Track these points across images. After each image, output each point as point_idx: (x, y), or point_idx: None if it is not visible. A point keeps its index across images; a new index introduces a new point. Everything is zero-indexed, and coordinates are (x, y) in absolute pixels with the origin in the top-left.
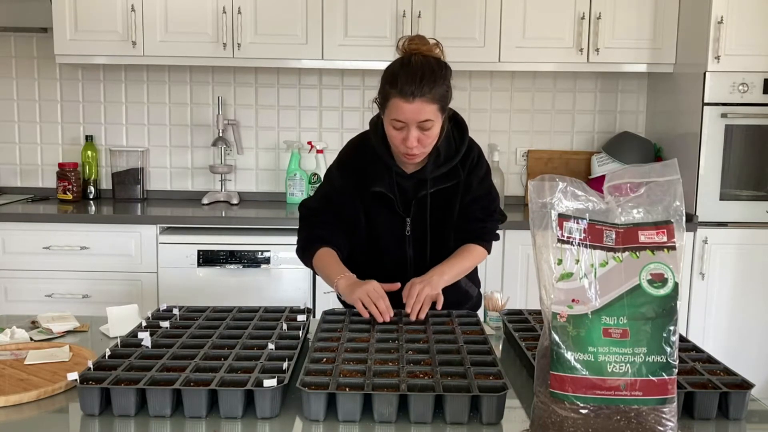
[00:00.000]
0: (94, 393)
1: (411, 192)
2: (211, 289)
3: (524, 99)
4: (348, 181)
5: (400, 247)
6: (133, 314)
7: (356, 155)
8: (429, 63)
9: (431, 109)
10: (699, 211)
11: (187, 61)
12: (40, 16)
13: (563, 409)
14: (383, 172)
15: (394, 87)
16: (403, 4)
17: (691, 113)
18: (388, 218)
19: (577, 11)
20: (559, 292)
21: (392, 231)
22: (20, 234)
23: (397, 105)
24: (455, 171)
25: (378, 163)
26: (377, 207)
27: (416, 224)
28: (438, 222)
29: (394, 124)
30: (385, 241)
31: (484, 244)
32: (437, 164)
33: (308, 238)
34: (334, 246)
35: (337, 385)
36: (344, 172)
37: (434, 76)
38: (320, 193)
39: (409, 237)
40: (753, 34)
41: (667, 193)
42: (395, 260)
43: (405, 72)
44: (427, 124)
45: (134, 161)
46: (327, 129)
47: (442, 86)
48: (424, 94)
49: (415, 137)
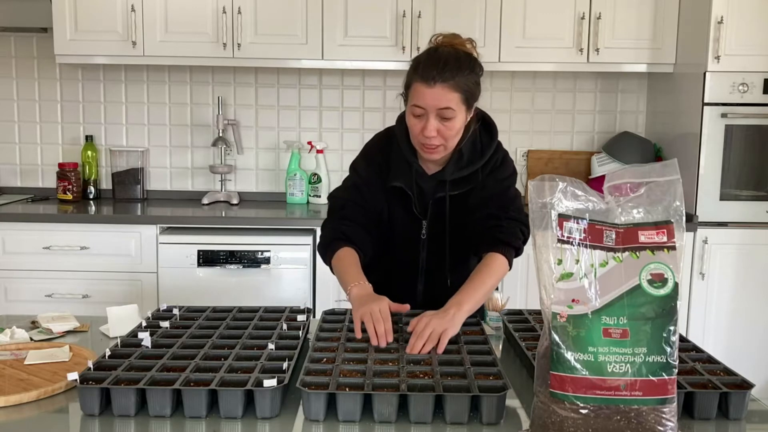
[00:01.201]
0: (94, 393)
1: (429, 193)
2: (211, 289)
3: (524, 99)
4: (372, 172)
5: (414, 250)
6: (133, 314)
7: (380, 148)
8: (457, 53)
9: (453, 97)
10: (699, 211)
11: (187, 61)
12: (40, 16)
13: (563, 409)
14: (404, 168)
15: (416, 72)
16: (403, 4)
17: (691, 113)
18: (404, 218)
19: (577, 11)
20: (559, 292)
21: (407, 232)
22: (20, 234)
23: (417, 90)
24: (476, 175)
25: (400, 159)
26: (395, 205)
27: (432, 228)
28: (457, 226)
29: (414, 110)
30: (399, 242)
31: (503, 250)
32: (459, 166)
33: (331, 236)
34: (356, 246)
35: (337, 385)
36: (369, 163)
37: (459, 65)
38: (347, 183)
39: (425, 241)
40: (753, 34)
41: (667, 193)
42: (407, 264)
43: (429, 58)
44: (447, 112)
45: (134, 161)
46: (327, 129)
47: (468, 77)
48: (446, 80)
49: (434, 126)
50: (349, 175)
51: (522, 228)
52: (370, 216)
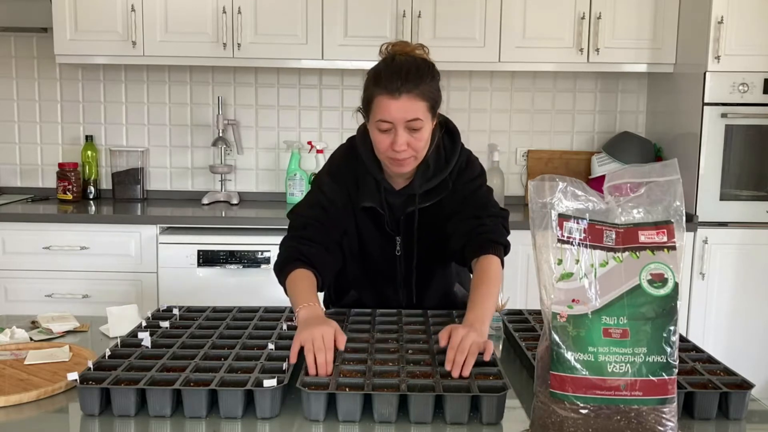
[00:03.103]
0: (94, 393)
1: (400, 209)
2: (211, 289)
3: (524, 99)
4: (339, 192)
5: (391, 266)
6: (133, 314)
7: (347, 165)
8: (415, 60)
9: (420, 107)
10: (699, 211)
11: (187, 61)
12: (40, 16)
13: (563, 409)
14: (372, 186)
15: (378, 85)
16: (403, 4)
17: (691, 113)
18: (377, 236)
19: (577, 11)
20: (559, 292)
21: (382, 250)
22: (20, 234)
23: (382, 103)
24: (445, 184)
25: (367, 177)
26: (367, 224)
27: (407, 243)
28: (429, 241)
29: (380, 125)
30: (375, 259)
31: (493, 250)
32: (426, 177)
33: (289, 255)
34: (315, 269)
35: (337, 385)
36: (334, 180)
37: (420, 72)
38: (311, 201)
39: (400, 257)
40: (753, 34)
41: (667, 193)
42: (385, 280)
43: (389, 69)
44: (416, 123)
45: (134, 161)
46: (327, 129)
47: (431, 83)
48: (411, 90)
49: (404, 140)
50: (313, 191)
51: (504, 223)
52: (333, 236)
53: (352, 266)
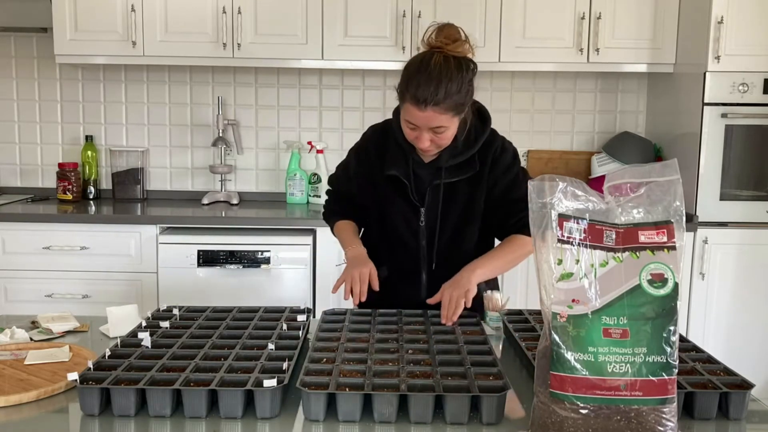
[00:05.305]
0: (94, 393)
1: (426, 180)
2: (211, 289)
3: (524, 99)
4: (362, 167)
5: (414, 238)
6: (133, 314)
7: (376, 139)
8: (448, 67)
9: (444, 118)
10: (699, 211)
11: (187, 61)
12: (40, 16)
13: (563, 409)
14: (401, 158)
15: (407, 89)
16: (403, 4)
17: (691, 113)
18: (402, 207)
19: (577, 11)
20: (559, 292)
21: (406, 220)
22: (20, 234)
23: (409, 109)
24: (472, 162)
25: (397, 149)
26: (392, 194)
27: (430, 215)
28: (454, 214)
29: (408, 124)
30: (399, 230)
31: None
32: (453, 153)
33: (329, 210)
34: (351, 218)
35: (337, 385)
36: (360, 157)
37: (450, 86)
38: (342, 165)
39: (423, 227)
40: (753, 34)
41: (667, 193)
42: (409, 251)
43: (421, 76)
44: (439, 129)
45: (134, 161)
46: (327, 129)
47: (459, 93)
48: (438, 104)
49: (427, 138)
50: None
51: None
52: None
53: (378, 234)
